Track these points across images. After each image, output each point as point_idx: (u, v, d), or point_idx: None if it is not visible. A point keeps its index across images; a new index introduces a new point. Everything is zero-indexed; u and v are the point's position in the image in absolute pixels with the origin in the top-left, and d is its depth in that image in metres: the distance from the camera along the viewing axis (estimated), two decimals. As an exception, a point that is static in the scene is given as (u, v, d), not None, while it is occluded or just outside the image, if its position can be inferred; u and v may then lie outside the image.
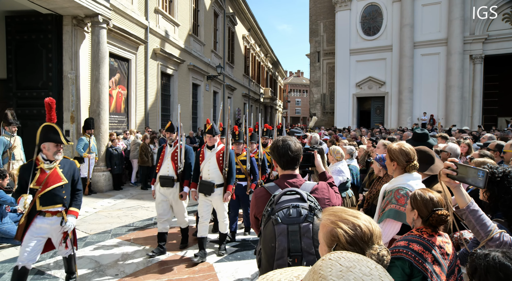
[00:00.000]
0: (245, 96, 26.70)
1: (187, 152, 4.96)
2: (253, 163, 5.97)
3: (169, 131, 4.90)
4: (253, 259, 4.83)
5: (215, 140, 4.67)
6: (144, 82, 12.00)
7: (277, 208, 1.79)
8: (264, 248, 1.79)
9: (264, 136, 7.35)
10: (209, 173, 4.63)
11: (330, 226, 1.20)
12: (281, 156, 2.07)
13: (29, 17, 8.31)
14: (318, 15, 26.66)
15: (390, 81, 21.71)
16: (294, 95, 69.71)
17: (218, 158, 4.65)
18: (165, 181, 4.80)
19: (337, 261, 0.80)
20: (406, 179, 2.49)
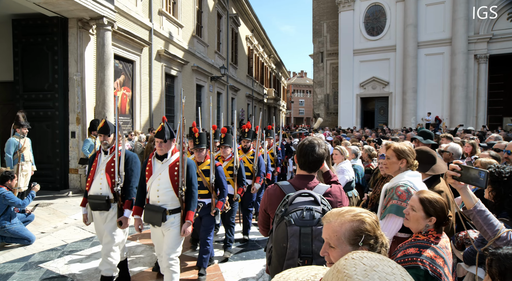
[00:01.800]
0: (248, 97, 26.75)
1: (129, 162, 3.67)
2: (260, 161, 5.82)
3: (102, 133, 3.61)
4: (258, 259, 4.86)
5: (167, 146, 3.31)
6: (149, 83, 12.07)
7: (290, 209, 1.81)
8: (276, 247, 1.82)
9: (268, 136, 7.35)
10: (158, 194, 3.26)
11: (352, 221, 1.21)
12: (302, 156, 2.09)
13: (35, 20, 8.40)
14: (321, 15, 26.67)
15: (394, 81, 21.66)
16: (297, 96, 69.69)
17: (172, 172, 3.30)
18: (97, 203, 3.52)
19: (360, 260, 0.81)
20: (406, 175, 2.52)
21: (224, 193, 4.36)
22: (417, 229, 1.95)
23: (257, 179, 5.74)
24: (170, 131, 3.29)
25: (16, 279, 4.09)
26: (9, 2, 7.35)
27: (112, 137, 3.68)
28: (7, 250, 4.94)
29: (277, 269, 1.80)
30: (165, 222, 3.27)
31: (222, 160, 5.17)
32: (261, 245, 5.46)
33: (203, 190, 4.22)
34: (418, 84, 20.70)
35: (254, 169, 5.72)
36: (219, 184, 4.34)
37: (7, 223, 4.96)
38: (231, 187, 5.08)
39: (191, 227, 3.36)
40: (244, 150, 5.89)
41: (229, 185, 5.00)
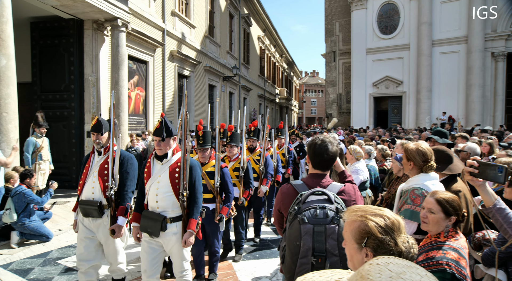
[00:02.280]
0: (260, 96, 26.76)
1: (124, 163, 3.35)
2: (267, 161, 5.51)
3: (95, 131, 3.29)
4: (271, 258, 4.87)
5: (166, 145, 2.97)
6: (162, 83, 12.20)
7: (304, 208, 1.82)
8: (289, 245, 1.82)
9: (279, 136, 7.13)
10: (157, 199, 2.92)
11: (359, 221, 1.23)
12: (316, 155, 2.09)
13: (52, 22, 8.58)
14: (333, 14, 26.50)
15: (407, 80, 21.36)
16: (309, 95, 69.39)
17: (172, 174, 2.95)
18: (88, 209, 3.23)
19: (385, 266, 0.77)
20: (422, 179, 2.48)
21: (230, 198, 3.97)
22: (437, 231, 1.92)
23: (263, 181, 5.39)
24: (169, 128, 2.95)
25: (36, 274, 4.19)
26: (27, 5, 7.54)
27: (106, 136, 3.34)
28: (27, 246, 5.07)
29: (291, 268, 1.81)
30: (165, 232, 2.88)
31: (228, 161, 4.82)
32: (274, 244, 5.46)
33: (207, 193, 3.87)
34: (433, 83, 20.37)
35: (261, 170, 5.39)
36: (225, 187, 3.96)
37: (27, 220, 5.09)
38: (237, 190, 4.72)
39: (193, 237, 2.95)
40: (250, 150, 5.56)
41: (235, 188, 4.64)
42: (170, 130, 2.96)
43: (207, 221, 3.90)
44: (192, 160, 3.08)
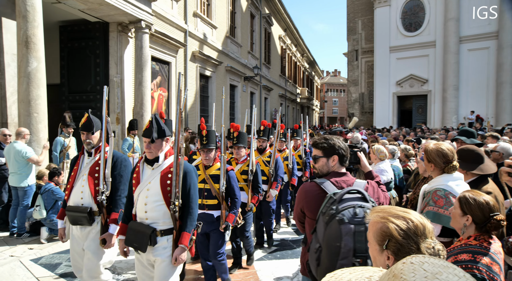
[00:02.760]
0: (281, 96, 26.68)
1: (117, 165, 3.06)
2: (277, 164, 5.12)
3: (85, 130, 3.03)
4: (293, 259, 4.83)
5: (157, 147, 2.60)
6: (184, 84, 12.36)
7: (341, 207, 1.78)
8: (327, 246, 1.77)
9: (295, 137, 6.74)
10: (146, 209, 2.56)
11: (381, 222, 1.20)
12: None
13: (80, 25, 8.85)
14: (356, 12, 26.10)
15: (433, 78, 20.78)
16: (331, 95, 68.63)
17: (164, 180, 2.58)
18: (77, 216, 2.92)
19: (420, 265, 0.74)
20: (445, 179, 2.39)
21: (237, 204, 3.63)
22: (458, 228, 1.89)
23: (273, 185, 5.03)
24: (161, 128, 2.60)
25: (63, 269, 4.34)
26: (57, 10, 7.80)
27: (98, 136, 3.08)
28: (55, 242, 5.25)
29: (329, 270, 1.76)
30: (155, 247, 2.53)
31: (235, 163, 4.46)
32: (296, 244, 5.42)
33: (211, 199, 3.56)
34: (460, 81, 19.72)
35: (270, 173, 5.02)
36: (231, 192, 3.61)
37: (55, 216, 5.28)
38: (245, 194, 4.34)
39: (185, 254, 2.56)
40: (259, 151, 5.29)
41: (243, 192, 4.27)
42: (162, 130, 2.60)
43: (211, 229, 3.56)
44: (187, 165, 2.69)
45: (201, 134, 3.52)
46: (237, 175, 4.20)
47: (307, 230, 2.14)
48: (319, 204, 1.98)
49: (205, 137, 3.50)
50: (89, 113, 3.09)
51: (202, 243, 3.66)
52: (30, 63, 5.76)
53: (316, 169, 2.17)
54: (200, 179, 3.46)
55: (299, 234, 5.95)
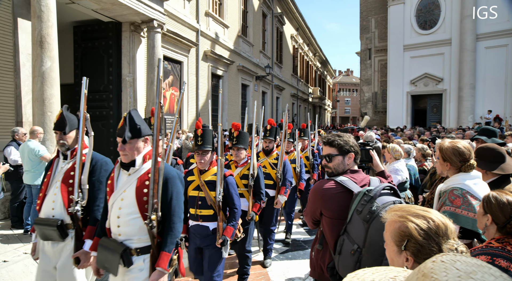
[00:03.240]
0: (293, 96, 26.55)
1: (96, 169, 2.62)
2: (286, 166, 4.65)
3: (58, 129, 2.64)
4: (305, 259, 4.76)
5: (133, 149, 2.21)
6: (196, 83, 12.38)
7: (381, 204, 1.73)
8: (372, 246, 1.69)
9: (302, 137, 6.25)
10: (119, 223, 2.17)
11: (399, 222, 1.13)
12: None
13: (93, 25, 8.94)
14: (369, 11, 25.78)
15: (448, 77, 20.36)
16: (343, 95, 68.05)
17: (140, 189, 2.18)
18: (46, 230, 2.48)
19: (452, 264, 0.69)
20: (462, 178, 2.28)
21: (236, 215, 3.12)
22: (481, 228, 1.81)
23: (281, 190, 4.57)
24: (136, 126, 2.19)
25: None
26: (71, 10, 7.89)
27: (74, 135, 2.67)
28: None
29: None
30: (130, 268, 2.13)
31: (235, 166, 4.00)
32: (307, 245, 5.35)
33: (206, 209, 3.04)
34: (477, 80, 19.26)
35: (278, 177, 4.57)
36: (229, 201, 3.12)
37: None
38: (246, 201, 3.87)
39: (165, 278, 2.14)
40: (265, 153, 4.80)
41: (243, 199, 3.81)
42: (137, 128, 2.20)
43: (206, 244, 3.06)
44: (169, 170, 2.28)
45: (196, 133, 3.09)
46: (236, 180, 3.76)
47: (327, 231, 2.02)
48: (339, 202, 1.90)
49: (200, 137, 3.06)
50: (62, 110, 2.68)
51: (195, 259, 3.13)
52: (44, 63, 5.83)
53: (330, 168, 2.09)
54: (194, 186, 3.10)
55: (311, 234, 5.87)
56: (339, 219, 1.93)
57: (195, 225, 3.09)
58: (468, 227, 2.12)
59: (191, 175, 3.19)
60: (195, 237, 3.11)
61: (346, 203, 1.91)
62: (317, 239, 2.16)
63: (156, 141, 2.12)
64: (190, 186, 3.12)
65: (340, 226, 1.92)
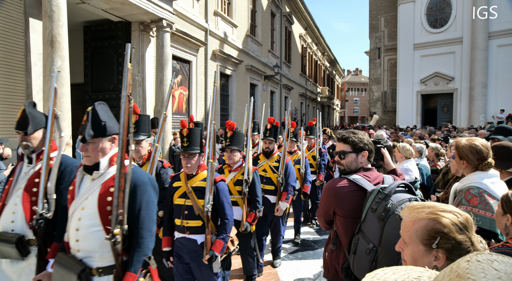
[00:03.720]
0: (302, 95, 26.45)
1: (65, 176, 2.25)
2: (288, 169, 4.24)
3: (20, 129, 2.29)
4: (314, 259, 4.72)
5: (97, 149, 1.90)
6: (204, 83, 12.40)
7: (397, 202, 1.69)
8: (388, 245, 1.63)
9: (308, 136, 6.03)
10: (77, 237, 1.86)
11: (427, 219, 1.08)
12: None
13: (103, 25, 9.00)
14: (378, 9, 25.56)
15: (459, 76, 20.07)
16: (352, 94, 67.62)
17: (104, 197, 1.86)
18: (3, 247, 2.11)
19: (489, 264, 0.64)
20: (479, 177, 2.22)
21: (227, 227, 2.71)
22: (501, 229, 1.75)
23: (283, 196, 4.15)
24: (100, 122, 1.89)
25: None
26: (81, 10, 7.95)
27: (40, 136, 2.30)
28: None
29: None
30: None
31: (228, 171, 3.60)
32: (317, 245, 5.30)
33: (194, 220, 2.67)
34: (489, 79, 18.95)
35: (279, 181, 4.15)
36: (220, 211, 2.74)
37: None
38: (240, 210, 3.45)
39: None
40: (266, 155, 4.36)
41: (236, 207, 3.39)
42: (102, 125, 1.90)
43: (195, 261, 2.70)
44: (140, 175, 1.93)
45: (181, 133, 2.74)
46: (230, 186, 3.40)
47: (341, 230, 1.98)
48: (353, 201, 1.87)
49: (186, 137, 2.70)
50: (25, 106, 2.34)
51: (183, 278, 2.78)
52: (55, 62, 5.87)
53: (343, 165, 2.05)
54: (180, 193, 2.75)
55: (320, 234, 5.82)
56: (353, 218, 1.90)
57: (182, 238, 2.72)
58: (486, 227, 2.06)
59: (178, 180, 2.83)
60: (182, 252, 2.73)
61: (360, 201, 1.87)
62: (331, 239, 2.12)
63: (122, 140, 1.77)
64: (176, 193, 2.77)
65: (354, 226, 1.88)
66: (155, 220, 1.96)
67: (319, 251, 5.04)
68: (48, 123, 2.26)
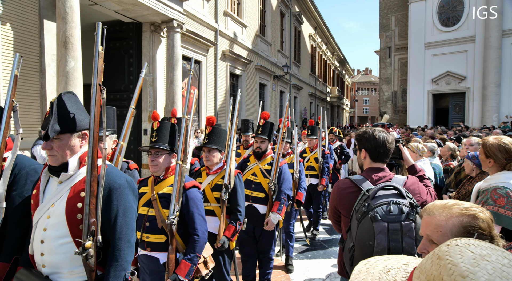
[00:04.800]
0: (311, 95, 26.36)
1: (19, 180, 1.91)
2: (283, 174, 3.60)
3: None
4: (325, 259, 4.71)
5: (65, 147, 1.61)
6: (214, 82, 12.45)
7: (374, 204, 1.68)
8: (360, 246, 1.68)
9: (309, 136, 5.63)
10: (43, 250, 1.57)
11: (462, 216, 1.05)
12: (380, 146, 1.96)
13: (114, 26, 9.11)
14: (389, 8, 25.33)
15: (472, 75, 19.77)
16: (361, 94, 67.13)
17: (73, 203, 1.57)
18: None
19: (466, 247, 0.71)
20: (505, 177, 2.19)
21: (196, 244, 2.22)
22: None
23: (274, 206, 3.46)
24: (68, 115, 1.61)
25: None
26: (93, 11, 8.07)
27: None
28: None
29: None
30: None
31: (206, 173, 3.03)
32: (327, 244, 5.29)
33: (156, 234, 2.23)
34: (502, 78, 18.63)
35: (271, 188, 3.51)
36: (189, 224, 2.26)
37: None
38: (217, 221, 2.88)
39: None
40: (257, 156, 3.71)
41: (213, 218, 2.88)
42: (71, 118, 1.61)
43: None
44: (116, 177, 1.66)
45: (151, 127, 2.37)
46: (207, 192, 2.90)
47: (343, 229, 2.06)
48: (353, 201, 1.89)
49: (155, 131, 2.33)
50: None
51: None
52: (68, 63, 5.97)
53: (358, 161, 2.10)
54: (144, 200, 2.31)
55: (330, 234, 5.81)
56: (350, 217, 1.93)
57: (143, 255, 2.29)
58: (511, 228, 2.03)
59: (145, 185, 2.40)
60: (144, 273, 2.32)
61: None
62: None
63: (93, 137, 1.52)
64: (140, 201, 2.30)
65: None
66: (134, 228, 1.70)
67: (329, 250, 5.03)
68: (4, 117, 1.89)
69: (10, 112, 1.90)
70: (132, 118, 2.50)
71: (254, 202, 3.50)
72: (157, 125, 2.33)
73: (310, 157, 5.50)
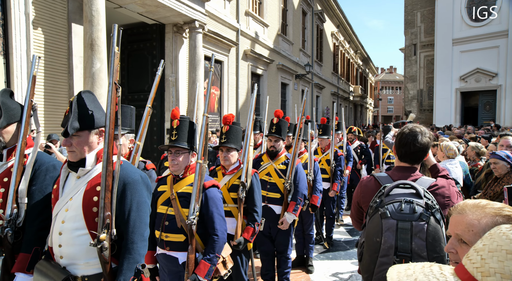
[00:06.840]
0: (333, 94, 26.04)
1: (39, 175, 1.97)
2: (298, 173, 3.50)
3: None
4: (346, 260, 4.64)
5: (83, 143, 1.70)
6: (236, 82, 12.52)
7: (387, 201, 1.64)
8: (368, 241, 1.67)
9: (321, 135, 5.27)
10: (60, 242, 1.67)
11: (496, 216, 1.01)
12: (403, 145, 1.92)
13: (138, 28, 9.34)
14: (414, 4, 24.64)
15: (504, 72, 18.93)
16: (386, 93, 65.70)
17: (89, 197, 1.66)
18: None
19: None
20: None
21: (216, 245, 2.21)
22: None
23: (290, 206, 3.42)
24: (88, 113, 1.69)
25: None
26: (118, 14, 8.29)
27: (13, 130, 1.99)
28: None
29: (369, 267, 1.65)
30: None
31: (222, 173, 2.98)
32: (349, 245, 5.21)
33: (175, 234, 2.23)
34: (537, 74, 17.76)
35: (287, 188, 3.43)
36: (208, 224, 2.26)
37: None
38: (234, 221, 2.82)
39: None
40: (270, 155, 3.64)
41: (231, 219, 2.81)
42: (90, 116, 1.69)
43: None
44: (130, 172, 1.72)
45: (171, 126, 2.35)
46: (224, 193, 2.81)
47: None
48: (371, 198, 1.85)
49: (175, 130, 2.30)
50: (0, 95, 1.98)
51: None
52: (94, 64, 6.15)
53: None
54: (163, 199, 2.32)
55: (352, 234, 5.72)
56: None
57: (162, 254, 2.30)
58: None
59: (164, 184, 2.40)
60: (163, 272, 2.34)
61: None
62: None
63: (108, 134, 1.59)
64: (159, 199, 2.33)
65: None
66: (147, 223, 1.75)
67: (351, 251, 4.95)
68: (24, 116, 1.95)
69: (29, 112, 1.97)
70: (148, 117, 2.53)
71: (270, 203, 3.45)
72: (176, 123, 2.33)
73: (321, 158, 5.10)
